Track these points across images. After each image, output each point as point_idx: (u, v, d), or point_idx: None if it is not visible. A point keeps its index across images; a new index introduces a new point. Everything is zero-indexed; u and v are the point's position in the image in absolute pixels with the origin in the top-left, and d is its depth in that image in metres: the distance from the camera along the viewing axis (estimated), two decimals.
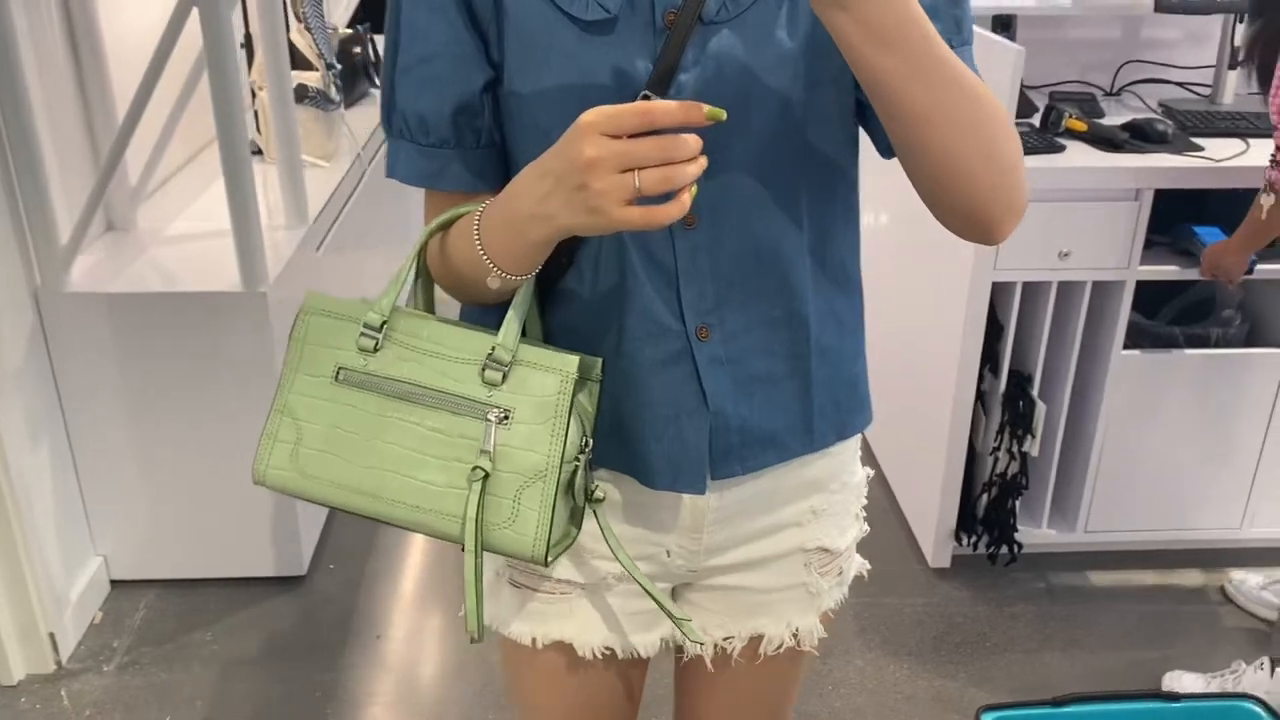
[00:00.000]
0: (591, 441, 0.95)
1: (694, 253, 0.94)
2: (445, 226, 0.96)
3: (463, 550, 0.92)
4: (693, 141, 0.80)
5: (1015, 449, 2.46)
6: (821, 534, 1.11)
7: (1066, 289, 2.35)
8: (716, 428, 0.99)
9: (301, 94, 2.93)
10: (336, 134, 3.13)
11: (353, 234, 3.04)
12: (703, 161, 0.80)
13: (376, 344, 0.95)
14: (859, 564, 1.20)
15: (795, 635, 1.13)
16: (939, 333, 2.46)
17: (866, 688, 2.25)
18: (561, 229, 0.84)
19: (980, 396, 2.45)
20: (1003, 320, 2.38)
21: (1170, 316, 2.54)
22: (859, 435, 1.12)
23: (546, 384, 0.92)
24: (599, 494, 0.98)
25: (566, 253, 0.95)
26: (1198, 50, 2.85)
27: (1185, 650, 2.37)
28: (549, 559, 0.92)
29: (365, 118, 3.50)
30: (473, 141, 0.94)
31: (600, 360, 0.96)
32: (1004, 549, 2.55)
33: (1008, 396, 2.43)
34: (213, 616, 2.42)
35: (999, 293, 2.35)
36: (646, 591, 1.01)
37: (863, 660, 2.32)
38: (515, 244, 0.88)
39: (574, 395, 0.92)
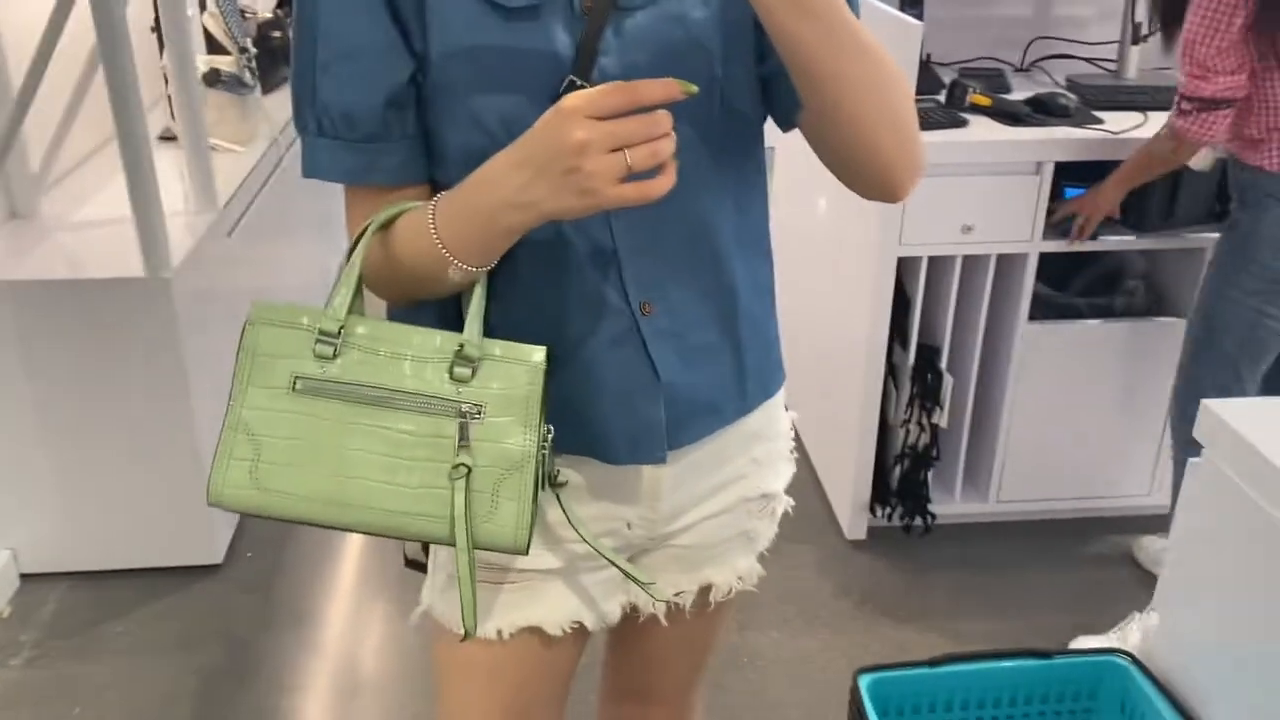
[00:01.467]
0: (551, 428, 0.96)
1: (631, 231, 0.97)
2: (386, 225, 0.95)
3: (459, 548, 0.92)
4: (666, 117, 0.82)
5: (925, 421, 2.49)
6: (762, 481, 1.16)
7: (972, 262, 2.38)
8: (669, 399, 1.02)
9: (214, 78, 2.89)
10: (252, 118, 3.08)
11: (268, 220, 3.00)
12: (674, 136, 0.83)
13: (335, 350, 0.93)
14: (785, 502, 1.24)
15: (740, 579, 1.19)
16: (848, 308, 2.49)
17: (782, 658, 2.27)
18: (545, 214, 0.85)
19: (891, 370, 2.48)
20: (910, 294, 2.41)
21: (1078, 289, 2.57)
22: (783, 384, 1.17)
23: (515, 377, 0.93)
24: (561, 478, 1.00)
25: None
26: (1108, 26, 2.89)
27: (1097, 616, 2.39)
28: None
29: (285, 103, 3.45)
30: (399, 134, 0.94)
31: (546, 348, 0.96)
32: (918, 520, 2.59)
33: (917, 370, 2.46)
34: (126, 607, 2.39)
35: (905, 267, 2.37)
36: (613, 564, 1.03)
37: (779, 632, 2.34)
38: (482, 235, 0.89)
39: (545, 386, 0.93)
